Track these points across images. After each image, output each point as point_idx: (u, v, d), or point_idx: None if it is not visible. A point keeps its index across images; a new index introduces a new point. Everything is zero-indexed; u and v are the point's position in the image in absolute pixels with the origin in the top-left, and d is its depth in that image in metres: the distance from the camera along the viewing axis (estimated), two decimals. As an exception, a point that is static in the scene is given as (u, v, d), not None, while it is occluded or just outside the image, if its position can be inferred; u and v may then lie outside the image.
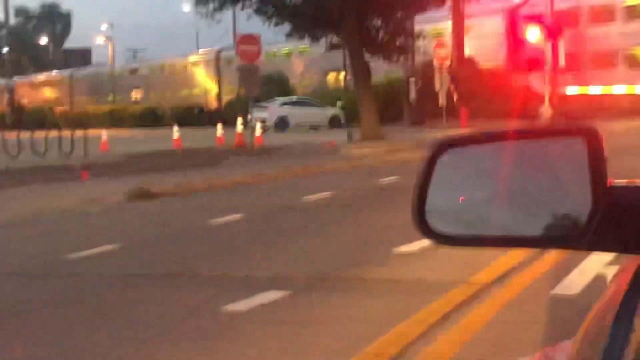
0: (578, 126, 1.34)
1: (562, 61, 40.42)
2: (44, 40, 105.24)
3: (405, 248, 8.75)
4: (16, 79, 73.36)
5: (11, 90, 67.56)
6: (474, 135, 1.53)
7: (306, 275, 8.01)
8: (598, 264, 7.25)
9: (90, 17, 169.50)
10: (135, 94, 72.51)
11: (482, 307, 6.55)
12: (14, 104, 64.73)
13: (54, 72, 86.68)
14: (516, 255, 8.09)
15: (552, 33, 40.31)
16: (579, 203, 1.24)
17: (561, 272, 7.35)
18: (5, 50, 75.95)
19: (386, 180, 16.15)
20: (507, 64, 44.72)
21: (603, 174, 1.23)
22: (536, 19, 42.37)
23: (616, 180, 1.26)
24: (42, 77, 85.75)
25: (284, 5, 30.66)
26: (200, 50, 71.54)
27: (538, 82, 41.13)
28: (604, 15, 44.00)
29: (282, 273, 8.11)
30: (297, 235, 10.85)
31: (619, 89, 42.05)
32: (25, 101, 72.60)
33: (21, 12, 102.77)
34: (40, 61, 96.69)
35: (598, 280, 6.60)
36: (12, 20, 79.74)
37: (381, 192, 14.76)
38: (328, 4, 29.70)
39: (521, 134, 1.43)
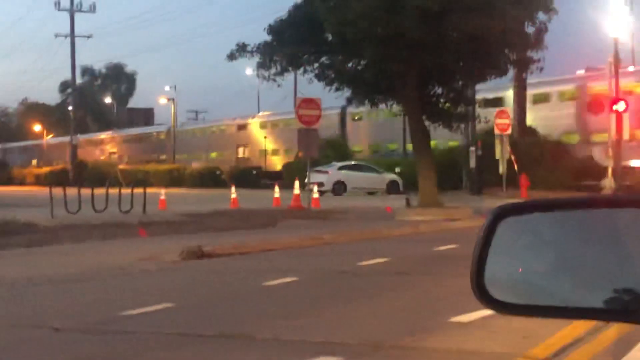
0: (641, 197, 1.32)
1: (626, 134, 40.20)
2: (108, 99, 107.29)
3: (461, 317, 8.67)
4: (80, 136, 74.74)
5: (74, 147, 68.82)
6: (534, 203, 1.51)
7: (359, 341, 7.94)
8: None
9: (154, 78, 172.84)
10: (196, 154, 73.39)
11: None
12: (76, 161, 65.90)
13: (117, 131, 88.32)
14: (576, 329, 7.96)
15: (615, 104, 40.18)
16: (640, 275, 1.22)
17: (623, 346, 7.21)
18: (70, 108, 77.47)
19: (443, 248, 16.06)
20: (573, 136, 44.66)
21: None
22: (601, 93, 42.35)
23: None
24: (104, 135, 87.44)
25: (345, 70, 30.88)
26: (261, 113, 72.39)
27: (601, 154, 40.95)
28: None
29: (334, 338, 8.05)
30: (350, 301, 10.78)
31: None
32: (87, 158, 73.98)
33: (87, 70, 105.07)
34: (104, 119, 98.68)
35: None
36: (79, 79, 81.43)
37: (438, 259, 14.66)
38: (389, 71, 29.87)
39: (583, 204, 1.42)
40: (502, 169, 33.72)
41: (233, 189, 35.27)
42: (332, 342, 7.89)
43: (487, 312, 8.56)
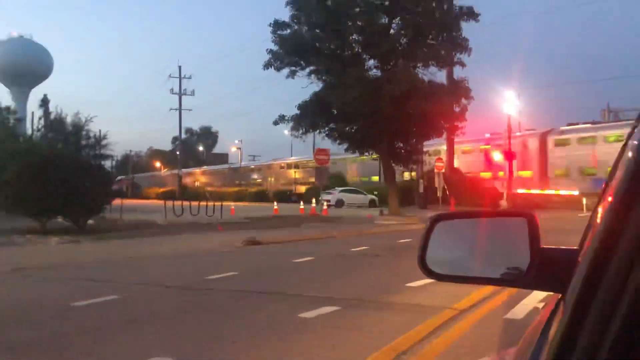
0: (523, 211, 1.34)
1: (515, 173, 40.14)
2: (200, 148, 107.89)
3: (413, 284, 8.63)
4: (183, 170, 74.92)
5: (180, 177, 69.08)
6: (457, 213, 1.55)
7: (351, 297, 7.93)
8: (535, 299, 7.05)
9: (229, 135, 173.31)
10: (253, 182, 73.42)
11: (461, 323, 6.40)
12: (180, 185, 65.99)
13: (205, 167, 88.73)
14: (484, 291, 7.92)
15: (509, 156, 40.15)
16: (523, 258, 1.24)
17: (512, 303, 7.16)
18: (177, 152, 77.93)
19: (403, 241, 16.00)
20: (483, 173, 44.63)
21: (538, 240, 1.23)
22: (499, 147, 42.35)
23: (545, 246, 1.25)
24: (198, 169, 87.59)
25: (344, 132, 31.02)
26: (293, 156, 72.23)
27: (499, 185, 40.83)
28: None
29: (336, 295, 8.03)
30: (345, 272, 10.76)
31: (550, 191, 41.42)
32: (187, 183, 74.07)
33: (188, 130, 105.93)
34: (198, 160, 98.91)
35: (535, 310, 6.44)
36: (183, 135, 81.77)
37: (399, 248, 14.61)
38: (371, 133, 30.00)
39: (487, 214, 1.44)
40: (439, 193, 33.60)
41: (275, 203, 35.25)
42: (334, 297, 7.86)
43: (429, 280, 8.54)
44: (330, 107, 29.58)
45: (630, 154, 0.63)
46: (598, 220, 0.66)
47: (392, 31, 29.84)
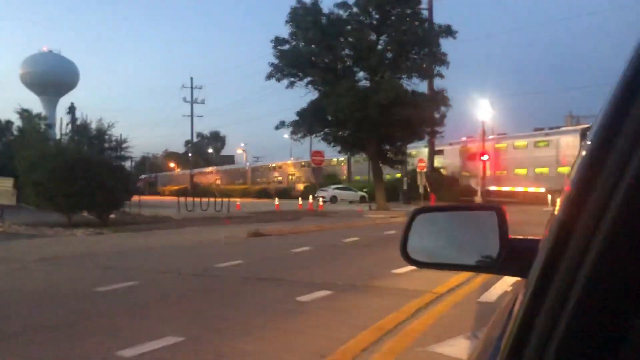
0: (493, 205, 1.33)
1: (487, 172, 40.17)
2: (210, 150, 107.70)
3: (398, 270, 8.63)
4: (195, 170, 74.78)
5: (192, 176, 68.93)
6: (435, 207, 1.53)
7: (343, 282, 7.91)
8: (506, 284, 7.05)
9: (235, 138, 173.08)
10: (257, 180, 73.27)
11: (439, 305, 6.40)
12: (192, 183, 65.87)
13: (215, 168, 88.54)
14: (460, 278, 7.92)
15: (482, 157, 40.18)
16: (494, 246, 1.22)
17: (485, 288, 7.17)
18: (189, 154, 77.79)
19: (389, 232, 16.01)
20: (459, 172, 44.66)
21: (506, 231, 1.22)
22: (474, 149, 42.39)
23: (514, 236, 1.24)
24: (208, 169, 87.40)
25: (337, 136, 31.05)
26: (292, 158, 72.22)
27: (474, 183, 40.86)
28: (517, 147, 43.62)
29: (329, 281, 8.02)
30: (338, 260, 10.75)
31: (519, 188, 41.46)
32: (199, 181, 73.97)
33: (199, 134, 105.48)
34: (208, 161, 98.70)
35: (505, 293, 6.44)
36: (195, 139, 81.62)
37: (386, 238, 14.60)
38: (361, 137, 30.03)
39: (461, 208, 1.43)
40: (421, 189, 33.56)
41: (276, 199, 35.20)
42: (328, 282, 7.86)
43: (412, 268, 8.53)
44: (325, 114, 29.57)
45: (584, 152, 0.62)
46: (556, 212, 0.66)
47: (379, 47, 29.82)
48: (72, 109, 40.98)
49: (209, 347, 4.73)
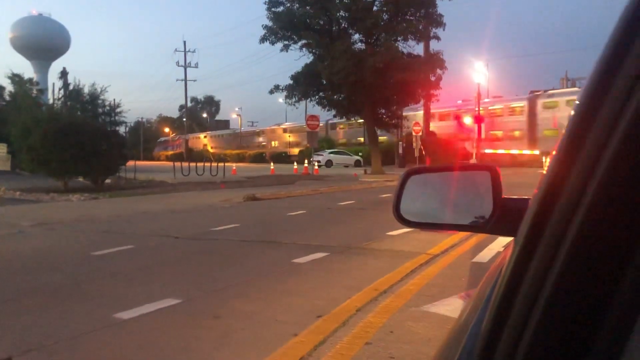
0: (487, 165, 1.32)
1: (483, 135, 40.15)
2: (204, 115, 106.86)
3: (393, 232, 8.70)
4: (189, 135, 74.38)
5: (186, 141, 68.60)
6: (428, 167, 1.52)
7: (338, 245, 7.97)
8: (499, 245, 7.13)
9: (230, 103, 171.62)
10: (252, 145, 72.99)
11: (433, 266, 6.47)
12: (187, 148, 65.62)
13: (209, 132, 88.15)
14: (454, 239, 7.99)
15: (478, 120, 40.07)
16: (487, 206, 1.22)
17: (479, 248, 7.24)
18: (184, 119, 77.22)
19: (384, 195, 16.06)
20: (454, 135, 44.54)
21: (500, 191, 1.21)
22: (470, 112, 42.24)
23: (507, 196, 1.23)
24: (203, 134, 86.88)
25: (332, 100, 30.84)
26: (288, 122, 71.78)
27: (470, 146, 40.88)
28: (509, 110, 43.51)
29: (325, 243, 8.08)
30: (334, 223, 10.81)
31: (514, 151, 41.54)
32: (193, 147, 73.71)
33: (193, 99, 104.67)
34: (202, 126, 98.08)
35: (498, 254, 6.50)
36: (189, 103, 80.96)
37: (381, 201, 14.68)
38: (356, 100, 29.82)
39: (455, 168, 1.41)
40: (416, 153, 33.60)
41: (272, 164, 35.18)
42: (323, 245, 7.91)
43: (407, 230, 8.63)
44: (320, 77, 29.31)
45: (573, 112, 0.63)
46: (544, 171, 0.67)
47: (375, 8, 29.33)
48: (64, 74, 40.32)
49: (206, 308, 4.79)
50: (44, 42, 79.46)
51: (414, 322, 4.34)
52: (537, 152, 38.12)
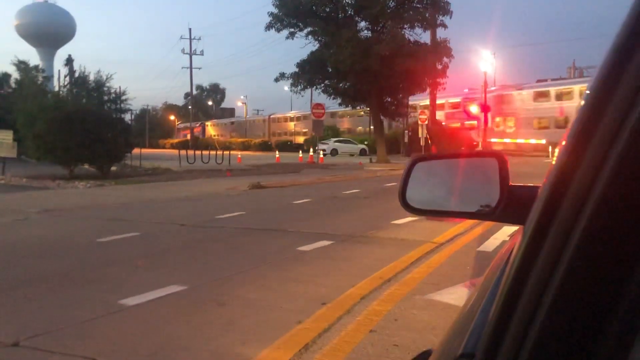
0: (494, 152, 1.30)
1: (489, 124, 39.97)
2: (210, 103, 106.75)
3: (398, 221, 8.70)
4: (194, 123, 74.37)
5: (192, 129, 68.60)
6: (434, 155, 1.50)
7: (343, 233, 7.97)
8: (504, 234, 7.12)
9: (235, 91, 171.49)
10: (258, 133, 72.91)
11: (439, 255, 6.46)
12: (193, 136, 65.65)
13: (215, 120, 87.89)
14: (459, 227, 7.98)
15: (484, 109, 39.87)
16: (494, 194, 1.20)
17: (484, 237, 7.23)
18: (189, 107, 77.22)
19: (389, 184, 16.05)
20: (461, 124, 44.35)
21: (507, 178, 1.19)
22: (476, 100, 42.04)
23: (514, 184, 1.22)
24: (209, 122, 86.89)
25: (337, 88, 30.72)
26: (293, 110, 71.70)
27: (475, 134, 40.73)
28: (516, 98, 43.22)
29: (330, 231, 8.08)
30: (338, 212, 10.81)
31: (520, 140, 41.35)
32: (198, 134, 73.77)
33: (199, 87, 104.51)
34: (208, 114, 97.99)
35: (504, 243, 6.49)
36: (194, 91, 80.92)
37: (386, 190, 14.66)
38: (362, 89, 29.70)
39: (462, 155, 1.40)
40: (422, 142, 33.47)
41: (277, 152, 35.19)
42: (328, 233, 7.92)
43: (412, 218, 8.64)
44: (325, 65, 29.16)
45: (582, 102, 0.62)
46: (553, 161, 0.66)
47: (381, -5, 29.09)
48: (69, 61, 40.38)
49: (211, 296, 4.81)
50: (49, 29, 79.49)
51: (418, 310, 4.34)
52: (543, 141, 37.92)
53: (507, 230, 6.99)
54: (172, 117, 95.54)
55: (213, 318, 4.21)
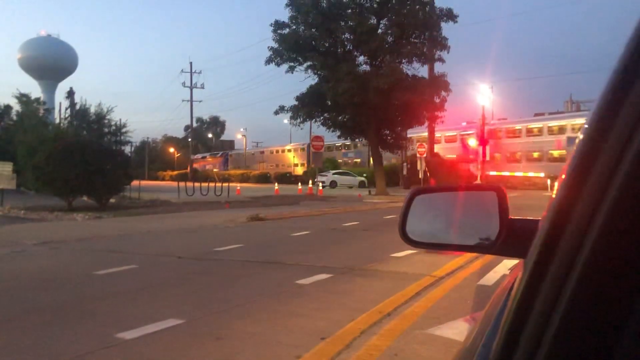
0: (493, 185, 1.31)
1: (487, 157, 40.14)
2: (210, 135, 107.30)
3: (397, 254, 8.66)
4: (194, 155, 74.57)
5: (191, 161, 68.70)
6: (434, 187, 1.51)
7: (342, 266, 7.93)
8: (505, 268, 7.08)
9: (235, 123, 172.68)
10: (256, 165, 73.12)
11: (438, 289, 6.41)
12: (192, 168, 65.72)
13: (214, 152, 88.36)
14: (459, 261, 7.94)
15: (482, 142, 40.11)
16: (493, 227, 1.21)
17: (484, 271, 7.19)
18: (189, 139, 77.56)
19: (388, 217, 16.03)
20: (459, 157, 44.53)
21: (506, 212, 1.20)
22: (474, 134, 42.30)
23: (513, 217, 1.23)
24: (208, 154, 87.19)
25: (336, 121, 30.96)
26: (292, 143, 72.01)
27: (474, 168, 40.87)
28: (513, 132, 43.55)
29: (329, 264, 8.03)
30: (337, 244, 10.76)
31: (518, 174, 41.46)
32: (198, 167, 73.94)
33: (199, 119, 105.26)
34: (207, 146, 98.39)
35: (504, 277, 6.45)
36: (194, 124, 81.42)
37: (386, 223, 14.63)
38: (360, 121, 29.95)
39: (461, 188, 1.41)
40: (420, 174, 33.56)
41: (276, 184, 35.22)
42: (327, 266, 7.87)
43: (412, 251, 8.60)
44: (324, 98, 29.45)
45: (581, 135, 0.63)
46: (554, 194, 0.67)
47: (380, 30, 29.60)
48: (70, 94, 40.81)
49: (209, 329, 4.75)
50: (51, 62, 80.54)
51: (418, 345, 4.29)
52: (542, 174, 38.03)
53: (508, 264, 6.96)
54: (171, 150, 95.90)
55: (210, 352, 4.16)
